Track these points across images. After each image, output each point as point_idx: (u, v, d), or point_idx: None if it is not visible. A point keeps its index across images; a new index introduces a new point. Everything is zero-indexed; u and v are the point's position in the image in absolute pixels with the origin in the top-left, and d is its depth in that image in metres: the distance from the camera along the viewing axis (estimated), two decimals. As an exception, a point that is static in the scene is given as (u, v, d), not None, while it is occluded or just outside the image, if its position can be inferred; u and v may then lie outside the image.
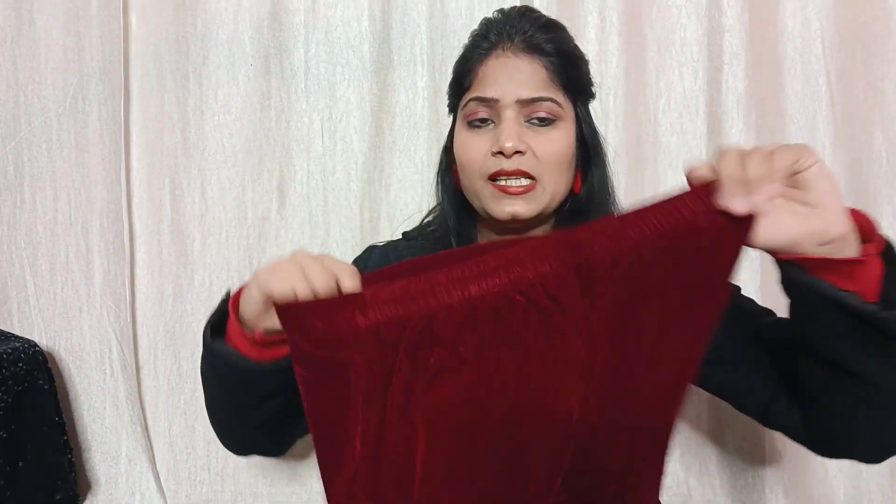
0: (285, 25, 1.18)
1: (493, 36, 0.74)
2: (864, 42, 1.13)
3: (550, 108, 0.73)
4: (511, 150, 0.71)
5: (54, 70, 1.16)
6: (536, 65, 0.72)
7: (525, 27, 0.73)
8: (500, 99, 0.72)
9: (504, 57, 0.73)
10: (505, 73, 0.72)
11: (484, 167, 0.74)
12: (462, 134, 0.77)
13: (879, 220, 1.12)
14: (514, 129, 0.72)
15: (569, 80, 0.74)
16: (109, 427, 1.19)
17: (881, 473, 1.14)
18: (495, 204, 0.75)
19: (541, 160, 0.73)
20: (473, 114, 0.75)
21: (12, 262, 1.18)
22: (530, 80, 0.72)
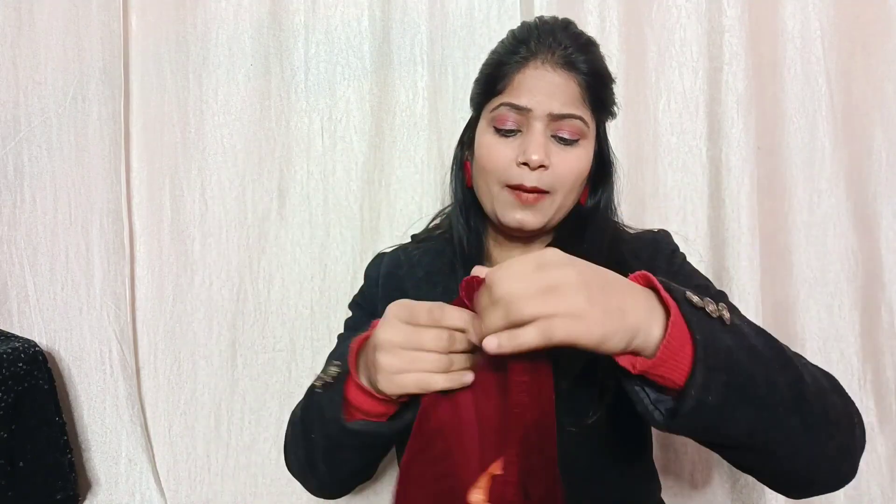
0: (285, 25, 1.18)
1: (533, 45, 0.75)
2: (864, 42, 1.14)
3: (578, 126, 0.74)
4: (537, 164, 0.73)
5: (54, 70, 1.16)
6: (572, 82, 0.73)
7: (566, 42, 0.74)
8: (532, 109, 0.73)
9: (542, 69, 0.73)
10: (541, 85, 0.73)
11: (507, 174, 0.75)
12: (487, 136, 0.78)
13: (879, 220, 1.13)
14: (542, 141, 0.73)
15: (597, 100, 0.76)
16: (109, 427, 1.19)
17: (881, 473, 1.14)
18: (507, 210, 0.77)
19: (558, 177, 0.75)
20: (503, 120, 0.76)
21: (12, 261, 1.18)
22: (563, 96, 0.73)
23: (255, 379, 1.21)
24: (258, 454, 1.21)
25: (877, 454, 1.14)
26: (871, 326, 1.15)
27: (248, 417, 1.21)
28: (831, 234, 1.15)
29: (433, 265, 0.86)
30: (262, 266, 1.20)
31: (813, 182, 1.15)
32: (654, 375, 0.50)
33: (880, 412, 1.15)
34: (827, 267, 1.15)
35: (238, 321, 1.20)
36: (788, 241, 1.16)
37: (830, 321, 1.15)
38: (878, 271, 1.15)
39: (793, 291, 1.16)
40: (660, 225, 1.12)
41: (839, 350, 1.15)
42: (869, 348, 1.15)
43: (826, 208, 1.15)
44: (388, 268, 0.89)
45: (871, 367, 1.15)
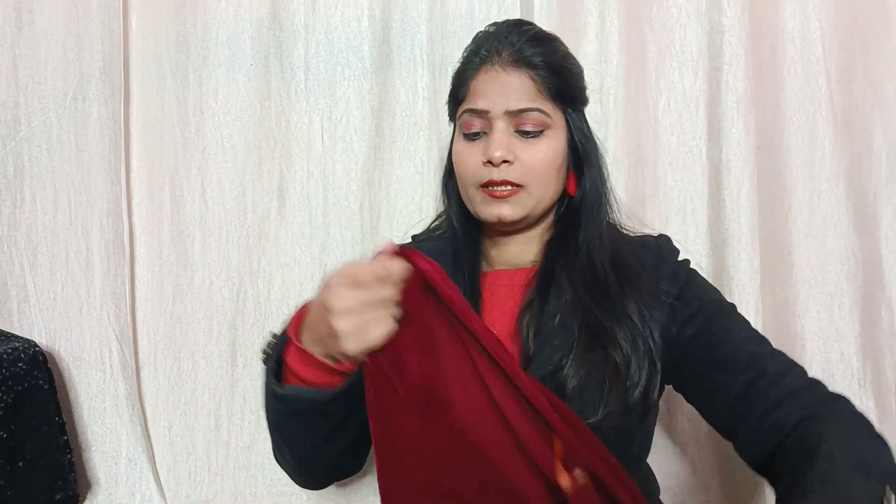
0: (285, 25, 1.18)
1: (483, 51, 0.79)
2: (864, 42, 1.14)
3: (538, 118, 0.77)
4: (499, 160, 0.75)
5: (54, 70, 1.16)
6: (524, 77, 0.76)
7: (514, 40, 0.77)
8: (489, 110, 0.77)
9: (493, 71, 0.77)
10: (494, 86, 0.76)
11: (476, 176, 0.79)
12: (458, 144, 0.82)
13: (879, 220, 1.13)
14: (503, 139, 0.76)
15: (557, 91, 0.77)
16: (109, 427, 1.19)
17: (881, 473, 1.14)
18: (484, 207, 0.80)
19: (528, 169, 0.77)
20: (468, 126, 0.80)
21: (12, 261, 1.18)
22: (517, 93, 0.76)
23: (255, 379, 1.21)
24: (258, 454, 1.21)
25: (877, 454, 1.14)
26: (871, 326, 1.15)
27: (248, 417, 1.21)
28: (831, 234, 1.15)
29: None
30: (262, 266, 1.20)
31: (813, 182, 1.15)
32: None
33: (880, 412, 1.15)
34: (827, 267, 1.15)
35: (238, 321, 1.20)
36: (788, 241, 1.16)
37: (830, 321, 1.15)
38: (879, 271, 1.14)
39: (793, 291, 1.16)
40: (660, 225, 1.13)
41: (839, 350, 1.15)
42: (869, 348, 1.15)
43: (826, 208, 1.15)
44: None
45: (871, 367, 1.15)
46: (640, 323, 0.76)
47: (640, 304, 0.77)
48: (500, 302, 0.84)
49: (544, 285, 0.80)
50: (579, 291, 0.78)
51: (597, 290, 0.78)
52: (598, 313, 0.77)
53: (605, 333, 0.75)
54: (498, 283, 0.85)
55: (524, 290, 0.82)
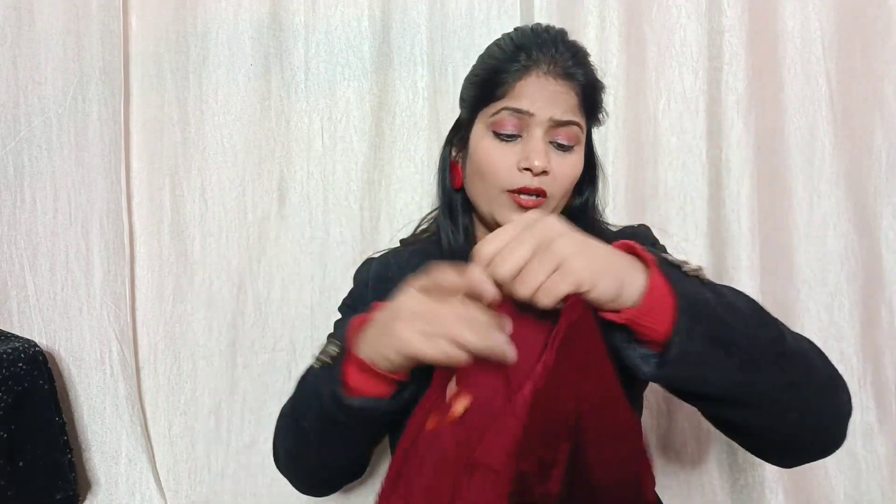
0: (285, 25, 1.18)
1: (534, 53, 0.76)
2: (863, 42, 1.14)
3: (576, 132, 0.77)
4: (540, 169, 0.75)
5: (54, 70, 1.16)
6: (572, 92, 0.76)
7: (565, 53, 0.77)
8: (535, 114, 0.75)
9: (544, 78, 0.76)
10: (544, 93, 0.76)
11: (508, 179, 0.77)
12: (486, 141, 0.79)
13: (879, 220, 1.13)
14: (543, 147, 0.76)
15: (591, 108, 0.79)
16: (109, 427, 1.19)
17: (881, 474, 1.14)
18: (506, 213, 0.78)
19: (557, 181, 0.77)
20: (503, 125, 0.78)
21: (12, 261, 1.18)
22: (564, 104, 0.76)
23: (255, 379, 1.21)
24: (258, 454, 1.21)
25: (877, 454, 1.14)
26: (871, 326, 1.15)
27: (248, 417, 1.21)
28: (831, 234, 1.15)
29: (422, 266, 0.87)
30: (262, 266, 1.20)
31: (813, 182, 1.15)
32: (639, 326, 0.53)
33: (880, 412, 1.15)
34: (827, 267, 1.15)
35: (238, 321, 1.20)
36: (788, 241, 1.16)
37: (830, 321, 1.15)
38: (878, 271, 1.15)
39: (793, 291, 1.16)
40: (660, 225, 1.13)
41: (839, 350, 1.15)
42: (869, 348, 1.15)
43: (826, 208, 1.15)
44: (378, 271, 0.90)
45: (871, 367, 1.15)
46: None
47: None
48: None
49: None
50: None
51: None
52: None
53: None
54: None
55: None
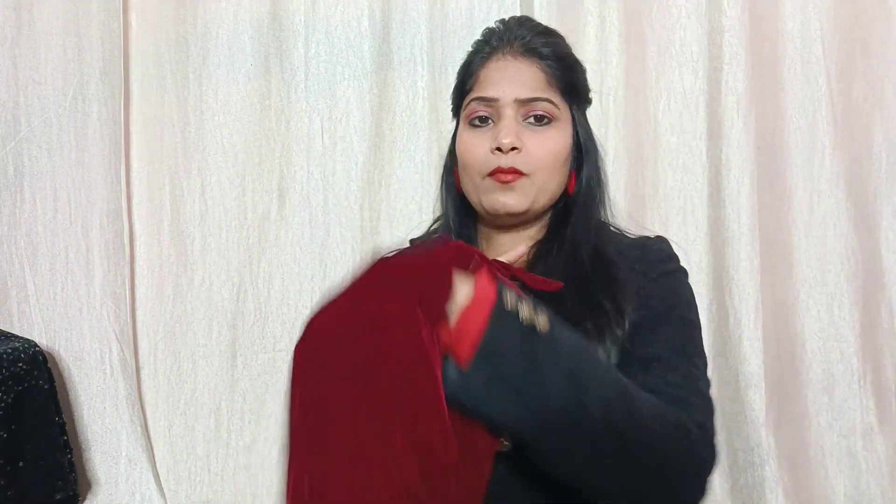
0: (285, 25, 1.18)
1: (493, 41, 0.78)
2: (863, 43, 1.14)
3: (547, 107, 0.76)
4: (508, 146, 0.74)
5: (54, 70, 1.16)
6: (535, 67, 0.75)
7: (523, 33, 0.77)
8: (499, 98, 0.76)
9: (504, 60, 0.76)
10: (505, 74, 0.76)
11: (484, 164, 0.77)
12: (464, 134, 0.81)
13: (879, 220, 1.13)
14: (513, 126, 0.75)
15: (565, 84, 0.77)
16: (109, 427, 1.19)
17: (881, 473, 1.14)
18: (490, 195, 0.78)
19: (535, 158, 0.76)
20: (474, 112, 0.78)
21: (12, 261, 1.18)
22: (529, 82, 0.75)
23: (255, 379, 1.21)
24: (258, 454, 1.21)
25: (877, 454, 1.14)
26: (870, 326, 1.15)
27: (248, 417, 1.21)
28: (831, 234, 1.15)
29: None
30: (262, 266, 1.20)
31: (813, 182, 1.15)
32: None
33: (880, 412, 1.15)
34: (827, 267, 1.15)
35: (238, 321, 1.20)
36: (788, 241, 1.16)
37: (830, 321, 1.15)
38: (878, 271, 1.15)
39: (793, 291, 1.16)
40: (660, 225, 1.13)
41: (839, 350, 1.15)
42: (869, 348, 1.15)
43: (826, 208, 1.15)
44: None
45: (871, 367, 1.15)
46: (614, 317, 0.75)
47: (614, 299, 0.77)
48: None
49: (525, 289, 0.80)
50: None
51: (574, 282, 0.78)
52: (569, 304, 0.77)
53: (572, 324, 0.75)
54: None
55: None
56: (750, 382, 1.10)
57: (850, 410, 1.15)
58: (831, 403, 1.15)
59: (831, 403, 1.15)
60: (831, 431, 1.15)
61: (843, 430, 1.15)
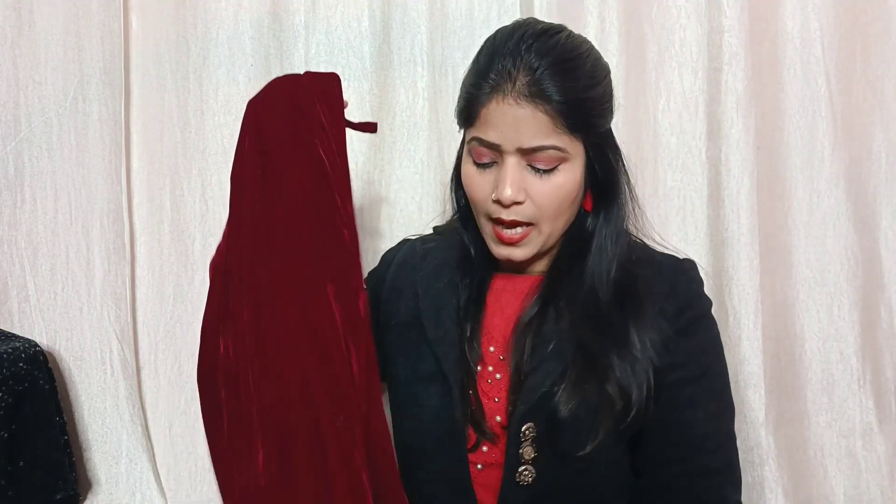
0: (285, 26, 1.18)
1: (493, 76, 0.70)
2: (863, 43, 1.14)
3: (552, 155, 0.71)
4: (509, 201, 0.71)
5: (54, 70, 1.16)
6: (539, 112, 0.69)
7: (533, 65, 0.69)
8: (501, 145, 0.71)
9: (505, 103, 0.69)
10: (506, 119, 0.70)
11: (486, 208, 0.75)
12: (468, 167, 0.78)
13: (879, 220, 1.13)
14: (514, 177, 0.71)
15: (575, 122, 0.71)
16: (110, 427, 1.19)
17: (881, 474, 1.14)
18: (494, 246, 0.78)
19: (541, 208, 0.73)
20: (478, 155, 0.74)
21: (13, 261, 1.18)
22: (531, 129, 0.69)
23: (256, 379, 1.21)
24: (258, 454, 1.21)
25: (876, 454, 1.15)
26: (870, 326, 1.15)
27: (249, 417, 1.21)
28: (831, 234, 1.15)
29: (444, 258, 0.88)
30: (263, 266, 1.20)
31: (812, 182, 1.15)
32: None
33: (879, 412, 1.15)
34: (826, 267, 1.15)
35: (238, 321, 1.20)
36: (788, 241, 1.16)
37: (830, 321, 1.15)
38: (878, 271, 1.15)
39: (792, 291, 1.16)
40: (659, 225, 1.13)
41: (838, 350, 1.15)
42: (868, 348, 1.15)
43: (825, 208, 1.15)
44: (405, 256, 0.92)
45: (871, 367, 1.15)
46: (641, 353, 0.74)
47: (641, 333, 0.75)
48: (503, 308, 0.83)
49: (544, 305, 0.79)
50: (577, 320, 0.76)
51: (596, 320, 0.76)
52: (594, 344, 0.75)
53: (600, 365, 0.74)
54: (503, 288, 0.85)
55: (526, 300, 0.81)
56: (749, 382, 1.10)
57: (849, 410, 1.15)
58: (831, 403, 1.15)
59: (831, 403, 1.15)
60: (831, 431, 1.15)
61: (842, 429, 1.15)
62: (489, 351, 0.82)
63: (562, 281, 0.80)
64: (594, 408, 0.73)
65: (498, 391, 0.80)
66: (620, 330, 0.75)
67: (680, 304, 0.79)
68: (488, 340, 0.82)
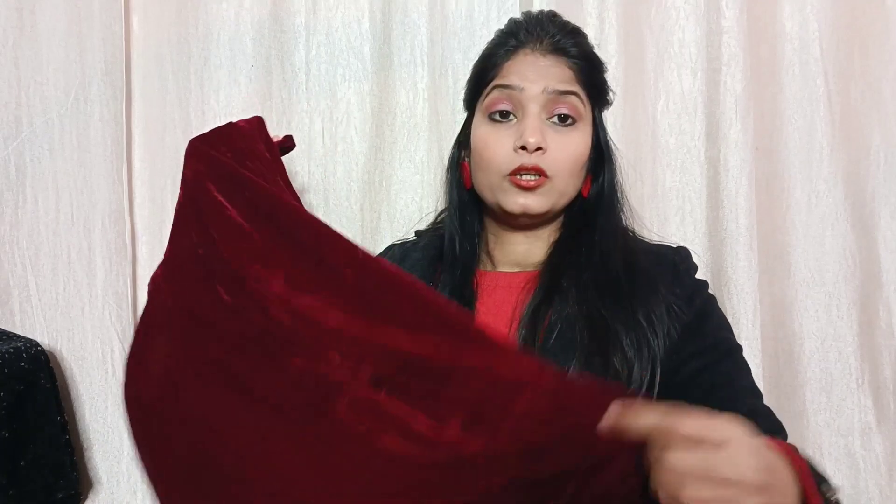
0: (286, 27, 1.19)
1: (522, 35, 0.77)
2: (862, 43, 1.14)
3: (575, 103, 0.75)
4: (534, 146, 0.73)
5: (56, 71, 1.16)
6: (563, 65, 0.75)
7: (553, 30, 0.76)
8: (525, 88, 0.74)
9: (533, 55, 0.75)
10: (533, 68, 0.75)
11: (505, 162, 0.75)
12: (482, 128, 0.78)
13: (877, 220, 1.14)
14: (538, 124, 0.74)
15: (591, 84, 0.77)
16: (111, 426, 1.19)
17: (879, 473, 1.15)
18: (510, 197, 0.76)
19: (559, 161, 0.75)
20: (496, 103, 0.76)
21: (14, 261, 1.18)
22: (557, 76, 0.75)
23: (256, 378, 1.21)
24: (259, 453, 1.21)
25: (875, 453, 1.15)
26: (868, 326, 1.16)
27: (249, 417, 1.21)
28: (829, 234, 1.15)
29: (419, 258, 0.87)
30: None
31: (811, 182, 1.16)
32: None
33: (878, 411, 1.15)
34: (825, 267, 1.16)
35: (239, 321, 1.21)
36: (786, 241, 1.16)
37: (828, 321, 1.16)
38: (876, 271, 1.15)
39: (791, 291, 1.16)
40: (658, 225, 1.13)
41: (837, 350, 1.16)
42: (867, 348, 1.16)
43: (824, 208, 1.15)
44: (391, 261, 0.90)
45: (869, 367, 1.16)
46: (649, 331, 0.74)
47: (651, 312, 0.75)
48: (496, 305, 0.81)
49: (549, 291, 0.78)
50: (589, 291, 0.75)
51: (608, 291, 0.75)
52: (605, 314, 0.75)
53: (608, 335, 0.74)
54: (496, 284, 0.82)
55: (522, 294, 0.79)
56: (748, 382, 1.10)
57: (848, 410, 1.15)
58: (829, 403, 1.15)
59: (829, 403, 1.15)
60: (829, 431, 1.15)
61: (841, 429, 1.15)
62: None
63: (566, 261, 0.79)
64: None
65: None
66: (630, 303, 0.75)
67: (689, 291, 0.79)
68: None
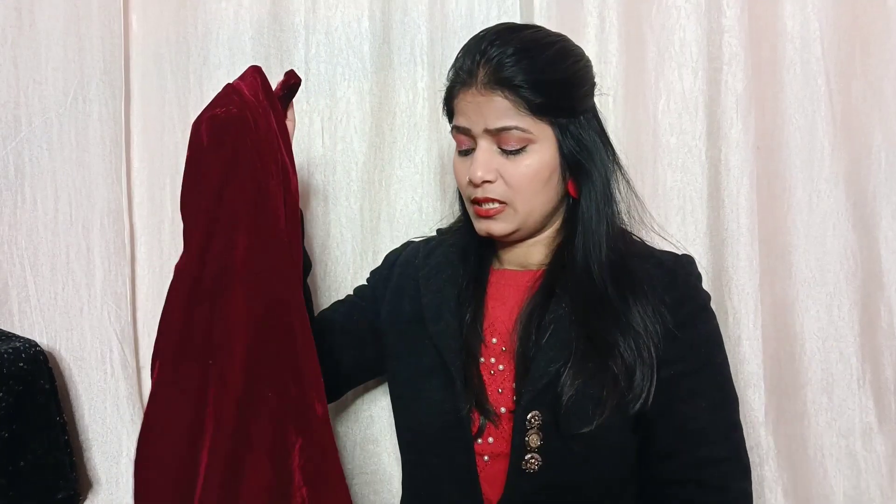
0: (286, 26, 1.18)
1: (462, 73, 0.80)
2: (863, 43, 1.14)
3: (517, 136, 0.77)
4: (479, 180, 0.78)
5: (55, 70, 1.16)
6: (497, 97, 0.76)
7: (492, 55, 0.76)
8: (471, 128, 0.80)
9: (471, 93, 0.79)
10: (473, 108, 0.79)
11: (466, 192, 0.83)
12: (454, 157, 0.86)
13: (878, 220, 1.14)
14: (485, 158, 0.78)
15: (537, 107, 0.77)
16: (110, 426, 1.19)
17: (880, 473, 1.14)
18: (476, 223, 0.84)
19: (512, 187, 0.79)
20: (459, 143, 0.83)
21: (13, 261, 1.18)
22: (493, 113, 0.77)
23: (256, 378, 1.21)
24: (258, 454, 1.21)
25: (876, 454, 1.15)
26: (869, 326, 1.15)
27: (249, 417, 1.21)
28: (830, 234, 1.15)
29: (445, 255, 0.92)
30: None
31: (812, 182, 1.15)
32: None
33: (879, 411, 1.15)
34: (826, 267, 1.15)
35: (238, 321, 1.20)
36: (787, 241, 1.16)
37: (829, 321, 1.16)
38: (877, 271, 1.15)
39: (792, 291, 1.16)
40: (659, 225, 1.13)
41: (838, 350, 1.15)
42: (868, 348, 1.16)
43: (825, 208, 1.15)
44: (408, 256, 0.96)
45: (870, 367, 1.16)
46: (645, 333, 0.76)
47: (642, 315, 0.77)
48: (504, 301, 0.86)
49: (546, 293, 0.82)
50: (577, 301, 0.79)
51: (595, 300, 0.78)
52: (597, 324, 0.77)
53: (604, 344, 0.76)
54: (504, 281, 0.87)
55: (527, 293, 0.84)
56: (749, 382, 1.10)
57: (849, 410, 1.15)
58: (830, 403, 1.15)
59: (830, 403, 1.15)
60: (830, 431, 1.15)
61: (842, 429, 1.15)
62: (491, 342, 0.84)
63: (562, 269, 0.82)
64: (599, 384, 0.75)
65: (501, 382, 0.81)
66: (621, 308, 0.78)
67: (679, 297, 0.81)
68: (490, 332, 0.85)
